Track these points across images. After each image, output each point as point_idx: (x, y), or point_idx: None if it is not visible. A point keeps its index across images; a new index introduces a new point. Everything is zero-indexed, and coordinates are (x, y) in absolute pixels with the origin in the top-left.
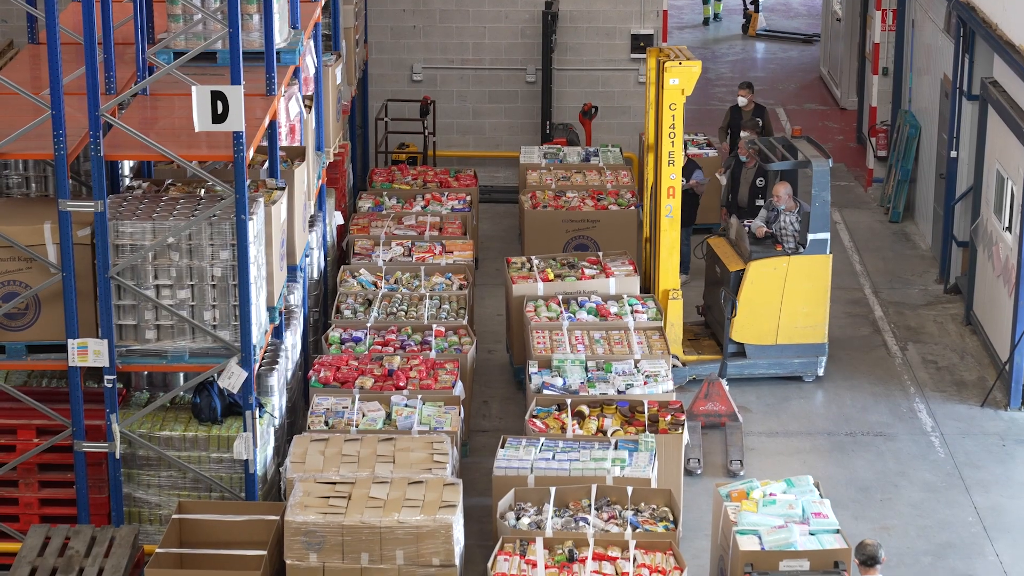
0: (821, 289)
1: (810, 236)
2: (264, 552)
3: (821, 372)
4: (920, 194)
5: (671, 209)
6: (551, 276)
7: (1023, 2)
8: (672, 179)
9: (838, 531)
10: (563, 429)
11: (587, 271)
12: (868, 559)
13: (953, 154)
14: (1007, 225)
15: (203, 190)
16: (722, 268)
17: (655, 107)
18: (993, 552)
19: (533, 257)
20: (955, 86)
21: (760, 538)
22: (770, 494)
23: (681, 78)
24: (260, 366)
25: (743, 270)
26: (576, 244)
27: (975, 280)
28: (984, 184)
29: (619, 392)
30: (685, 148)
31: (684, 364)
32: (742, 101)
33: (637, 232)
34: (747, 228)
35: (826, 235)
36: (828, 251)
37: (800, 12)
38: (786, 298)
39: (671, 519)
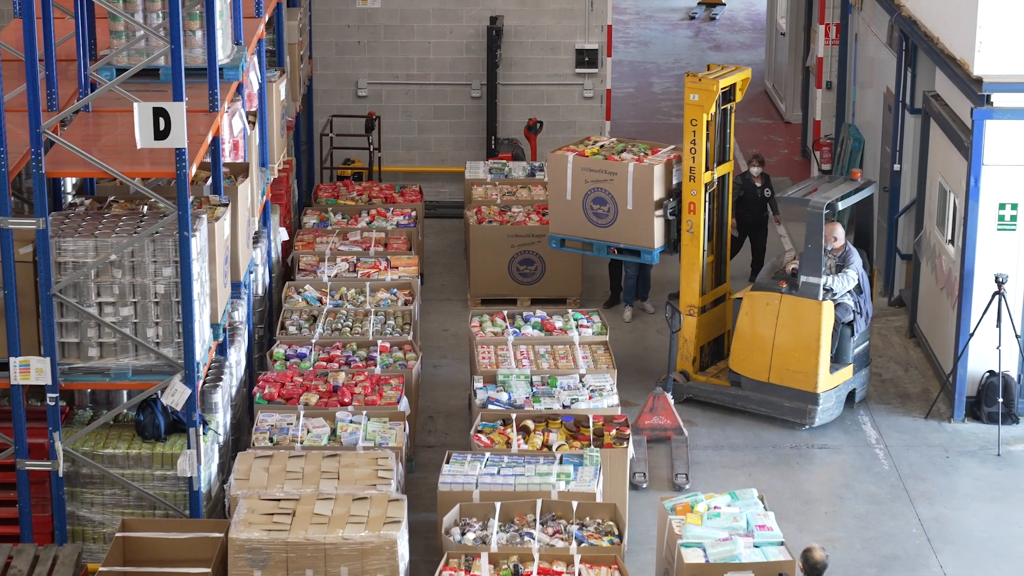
0: (812, 335)
1: (802, 278)
2: (208, 570)
3: (816, 423)
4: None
5: (692, 224)
6: (588, 154)
7: (964, 16)
8: (692, 195)
9: (782, 543)
10: (508, 444)
11: (624, 156)
12: (811, 570)
13: (896, 167)
14: (950, 238)
15: (146, 207)
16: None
17: None
18: (937, 564)
19: (608, 138)
20: (898, 100)
21: (705, 551)
22: (714, 507)
23: (700, 95)
24: (204, 383)
25: (741, 298)
26: (522, 259)
27: (919, 293)
28: (927, 197)
29: (564, 407)
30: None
31: (686, 381)
32: (755, 171)
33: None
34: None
35: (818, 280)
36: (820, 297)
37: (745, 26)
38: (778, 336)
39: (616, 533)
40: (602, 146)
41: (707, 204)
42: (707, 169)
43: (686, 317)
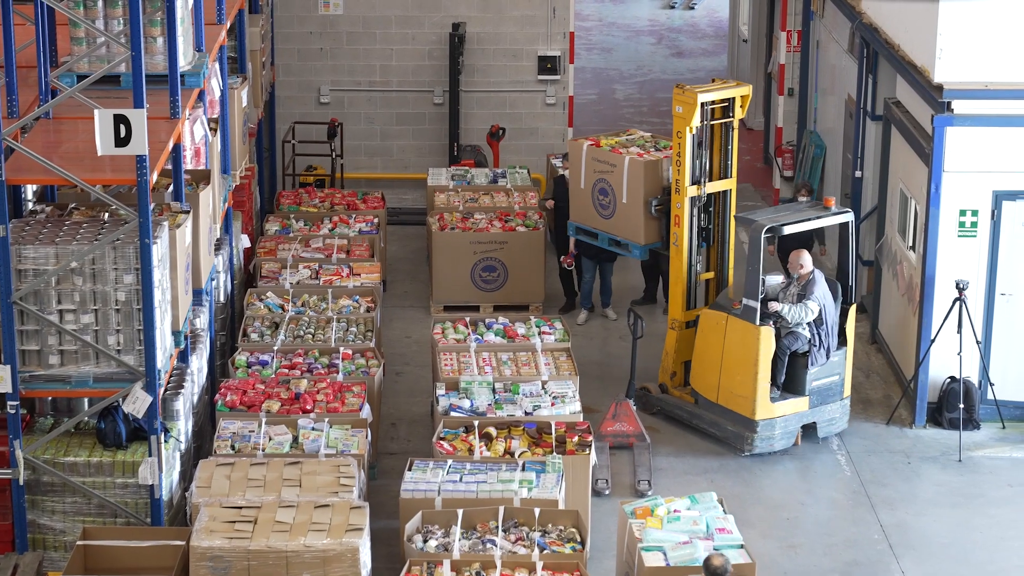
0: (749, 359)
1: (742, 301)
2: None
3: (755, 451)
4: None
5: (676, 237)
6: (602, 144)
7: (925, 24)
8: (678, 208)
9: (742, 546)
10: (470, 451)
11: (632, 149)
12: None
13: (858, 174)
14: (911, 244)
15: (107, 214)
16: None
17: None
18: (899, 570)
19: (642, 132)
20: (859, 106)
21: (665, 554)
22: (674, 511)
23: (684, 107)
24: (165, 391)
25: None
26: (484, 265)
27: (880, 299)
28: (888, 203)
29: (526, 413)
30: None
31: (661, 394)
32: (804, 200)
33: (545, 253)
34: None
35: (755, 303)
36: (757, 322)
37: (707, 33)
38: (725, 357)
39: (578, 540)
40: (629, 138)
41: (697, 218)
42: (694, 183)
43: (668, 330)
